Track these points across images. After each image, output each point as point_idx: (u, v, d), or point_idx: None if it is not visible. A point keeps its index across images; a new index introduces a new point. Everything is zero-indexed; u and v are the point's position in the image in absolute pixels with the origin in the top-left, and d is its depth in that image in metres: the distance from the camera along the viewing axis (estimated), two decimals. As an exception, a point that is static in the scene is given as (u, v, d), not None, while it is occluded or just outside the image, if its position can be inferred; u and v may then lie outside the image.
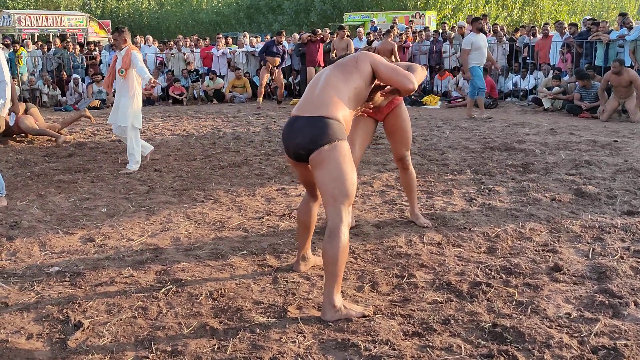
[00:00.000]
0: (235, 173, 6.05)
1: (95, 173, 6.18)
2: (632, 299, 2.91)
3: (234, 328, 2.73)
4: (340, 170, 2.81)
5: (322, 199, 2.89)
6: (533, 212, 4.40)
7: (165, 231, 4.22)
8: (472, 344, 2.54)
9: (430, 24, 20.62)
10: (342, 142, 2.86)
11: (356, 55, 3.11)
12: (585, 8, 37.10)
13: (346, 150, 2.87)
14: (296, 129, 2.90)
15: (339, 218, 2.79)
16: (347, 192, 2.83)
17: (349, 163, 2.86)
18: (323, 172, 2.83)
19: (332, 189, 2.80)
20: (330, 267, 2.77)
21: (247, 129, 9.30)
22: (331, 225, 2.79)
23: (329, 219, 2.82)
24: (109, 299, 3.08)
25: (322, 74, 3.08)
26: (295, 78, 14.36)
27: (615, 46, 11.19)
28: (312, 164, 2.86)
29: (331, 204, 2.81)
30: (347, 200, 2.83)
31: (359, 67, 3.02)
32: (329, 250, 2.76)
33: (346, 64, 3.06)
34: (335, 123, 2.85)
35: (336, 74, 3.01)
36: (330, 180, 2.81)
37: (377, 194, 5.08)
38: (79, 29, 21.91)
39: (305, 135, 2.85)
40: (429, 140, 7.72)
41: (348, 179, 2.83)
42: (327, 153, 2.81)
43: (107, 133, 9.08)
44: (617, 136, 7.65)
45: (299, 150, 2.90)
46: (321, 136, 2.81)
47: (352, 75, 2.99)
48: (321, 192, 2.87)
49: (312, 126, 2.84)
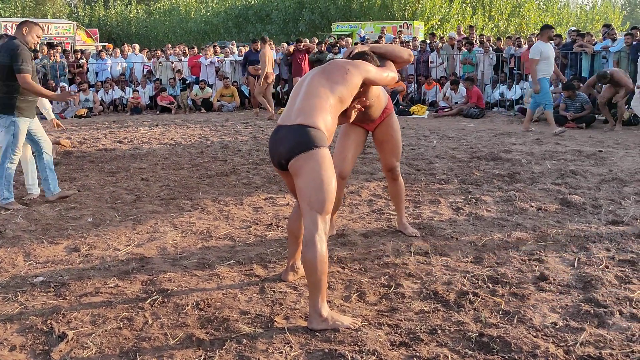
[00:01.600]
0: (222, 182, 6.04)
1: (81, 182, 6.14)
2: (617, 308, 2.93)
3: (221, 339, 2.71)
4: (317, 178, 2.78)
5: (300, 206, 2.87)
6: (519, 222, 4.43)
7: (151, 241, 4.19)
8: (459, 354, 2.54)
9: (418, 34, 20.76)
10: (321, 149, 2.81)
11: (347, 67, 3.04)
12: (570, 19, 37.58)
13: (325, 157, 2.82)
14: (279, 139, 2.90)
15: (314, 226, 2.76)
16: (324, 201, 2.78)
17: (328, 170, 2.81)
18: (300, 179, 2.82)
19: (309, 197, 2.78)
20: (311, 277, 2.76)
21: (235, 138, 9.29)
22: (307, 234, 2.77)
23: (304, 227, 2.80)
24: (93, 309, 3.05)
25: (304, 80, 3.05)
26: (283, 87, 14.39)
27: (599, 57, 11.33)
28: (292, 171, 2.85)
29: (307, 211, 2.79)
30: (323, 208, 2.78)
31: (347, 79, 2.99)
32: (307, 260, 2.74)
33: (333, 72, 3.01)
34: (314, 131, 2.83)
35: (321, 81, 2.97)
36: (306, 188, 2.79)
37: (364, 203, 5.08)
38: (66, 37, 21.82)
39: (285, 145, 2.85)
40: (417, 149, 7.75)
41: (324, 187, 2.78)
42: (304, 161, 2.79)
43: (93, 142, 9.03)
44: (601, 146, 7.73)
45: (281, 160, 2.90)
46: (299, 144, 2.79)
47: (337, 84, 2.96)
48: (299, 199, 2.86)
49: (292, 135, 2.83)
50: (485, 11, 31.72)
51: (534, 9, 34.14)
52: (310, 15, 31.24)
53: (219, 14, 36.62)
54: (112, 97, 14.32)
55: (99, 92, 14.15)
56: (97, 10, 39.68)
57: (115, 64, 14.85)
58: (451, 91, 12.61)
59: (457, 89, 12.42)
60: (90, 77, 14.69)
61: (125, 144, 8.85)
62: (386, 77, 3.25)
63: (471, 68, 13.07)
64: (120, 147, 8.55)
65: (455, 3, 29.73)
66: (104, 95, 14.26)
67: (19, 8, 35.02)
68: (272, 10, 33.16)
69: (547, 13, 35.28)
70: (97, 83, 14.36)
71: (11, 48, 4.98)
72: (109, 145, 8.72)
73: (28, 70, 5.02)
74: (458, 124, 10.63)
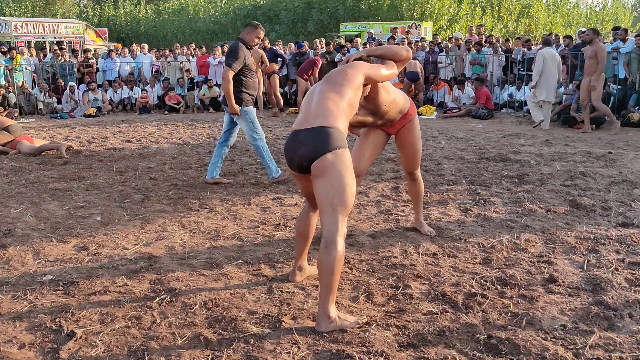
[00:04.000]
0: (230, 182, 6.04)
1: (90, 181, 6.16)
2: (626, 311, 2.91)
3: (228, 338, 2.72)
4: (342, 179, 2.82)
5: (319, 207, 2.88)
6: (528, 223, 4.41)
7: (159, 240, 4.20)
8: (467, 356, 2.53)
9: (427, 35, 20.71)
10: (344, 150, 2.87)
11: (345, 69, 3.15)
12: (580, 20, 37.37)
13: (348, 159, 2.88)
14: (298, 141, 2.92)
15: (335, 227, 2.78)
16: (346, 202, 2.83)
17: (350, 172, 2.87)
18: (324, 180, 2.83)
19: (332, 197, 2.80)
20: (325, 278, 2.76)
21: (242, 137, 9.30)
22: (327, 234, 2.79)
23: (324, 228, 2.81)
24: (102, 308, 3.06)
25: (315, 89, 3.11)
26: (291, 87, 14.40)
27: (610, 58, 11.25)
28: (314, 172, 2.86)
29: (329, 212, 2.80)
30: (345, 209, 2.83)
31: (350, 80, 3.08)
32: (325, 260, 2.75)
33: (335, 78, 3.10)
34: (336, 131, 2.87)
35: (328, 88, 3.04)
36: (330, 188, 2.81)
37: (372, 204, 5.07)
38: (75, 36, 21.90)
39: (307, 146, 2.86)
40: (425, 150, 7.73)
41: (348, 189, 2.83)
42: (329, 161, 2.81)
43: (102, 141, 9.07)
44: (611, 148, 7.68)
45: (302, 162, 2.91)
46: (323, 145, 2.82)
47: (344, 87, 3.04)
48: (319, 199, 2.86)
49: (314, 137, 2.85)
50: (494, 12, 31.60)
51: (543, 9, 33.97)
52: (319, 16, 31.23)
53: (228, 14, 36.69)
54: (120, 96, 14.38)
55: (108, 92, 14.22)
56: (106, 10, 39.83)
57: (124, 63, 14.91)
58: (459, 91, 12.58)
59: (463, 88, 12.39)
60: (100, 77, 14.75)
61: (134, 143, 8.89)
62: (385, 73, 3.30)
63: (480, 69, 13.02)
64: (128, 146, 8.59)
65: (465, 3, 29.64)
66: (113, 94, 14.33)
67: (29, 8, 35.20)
68: (281, 10, 33.18)
69: (557, 14, 35.11)
70: (104, 82, 14.43)
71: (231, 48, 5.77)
72: (118, 144, 8.76)
73: (232, 66, 5.65)
74: (467, 124, 10.60)
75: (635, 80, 10.64)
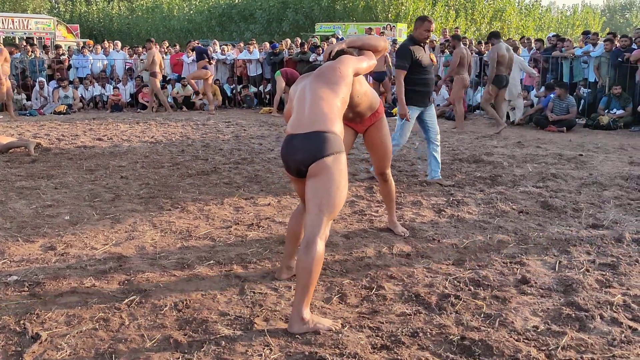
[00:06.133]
0: (203, 181, 5.97)
1: (59, 180, 6.02)
2: (597, 312, 2.93)
3: (199, 340, 2.66)
4: (334, 183, 2.80)
5: (307, 206, 2.85)
6: (501, 224, 4.43)
7: (130, 240, 4.12)
8: (440, 357, 2.52)
9: (401, 36, 20.82)
10: (342, 155, 2.86)
11: (336, 66, 3.11)
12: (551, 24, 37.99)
13: (344, 163, 2.88)
14: (294, 147, 2.89)
15: (318, 228, 2.75)
16: (334, 205, 2.80)
17: (344, 178, 2.86)
18: (316, 180, 2.81)
19: (320, 198, 2.78)
20: (302, 279, 2.72)
21: (216, 136, 9.21)
22: (308, 234, 2.75)
23: (307, 227, 2.78)
24: (69, 309, 2.98)
25: (305, 88, 3.05)
26: (265, 87, 14.32)
27: (579, 62, 11.45)
28: (310, 173, 2.84)
29: (315, 212, 2.78)
30: (331, 213, 2.81)
31: (344, 77, 3.08)
32: (303, 260, 2.71)
33: (329, 75, 3.07)
34: (333, 136, 2.85)
35: (321, 86, 3.01)
36: (321, 190, 2.79)
37: (346, 204, 5.05)
38: (46, 32, 21.51)
39: (304, 152, 2.83)
40: (399, 151, 7.73)
41: (339, 193, 2.82)
42: (327, 164, 2.80)
43: (72, 139, 8.89)
44: (582, 150, 7.79)
45: (300, 167, 2.88)
46: (321, 150, 2.80)
47: (338, 85, 3.03)
48: (308, 199, 2.83)
49: (311, 142, 2.83)
50: (467, 14, 31.95)
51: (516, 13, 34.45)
52: (294, 16, 31.19)
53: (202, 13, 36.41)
54: (92, 94, 14.13)
55: (79, 89, 13.96)
56: (78, 7, 39.19)
57: (96, 60, 14.66)
58: (433, 93, 12.64)
59: (438, 90, 12.47)
60: (72, 74, 14.48)
61: (105, 141, 8.73)
62: (366, 65, 3.31)
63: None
64: (99, 144, 8.43)
65: (439, 6, 29.90)
66: (84, 92, 14.07)
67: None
68: (256, 9, 33.05)
69: (529, 18, 35.64)
70: (75, 79, 14.16)
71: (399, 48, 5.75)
72: (88, 142, 8.59)
73: (402, 66, 5.62)
74: (440, 126, 10.58)
75: (605, 84, 10.83)
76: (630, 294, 3.17)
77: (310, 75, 3.14)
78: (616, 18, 60.20)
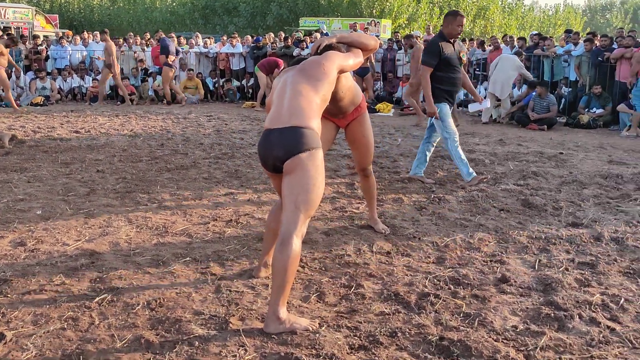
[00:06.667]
0: (182, 176, 5.87)
1: (32, 173, 5.88)
2: (576, 312, 2.91)
3: (171, 341, 2.58)
4: (310, 179, 2.73)
5: (283, 203, 2.78)
6: (482, 222, 4.40)
7: (104, 236, 4.01)
8: (418, 358, 2.47)
9: (385, 32, 20.79)
10: (318, 151, 2.79)
11: (321, 62, 3.03)
12: (534, 23, 38.25)
13: (320, 160, 2.80)
14: (271, 142, 2.81)
15: (294, 226, 2.68)
16: (311, 202, 2.73)
17: (321, 174, 2.79)
18: (292, 177, 2.74)
19: (297, 195, 2.71)
20: (278, 278, 2.66)
21: (197, 130, 9.09)
22: (284, 232, 2.68)
23: (283, 225, 2.71)
24: (36, 308, 2.88)
25: (287, 81, 2.98)
26: (249, 81, 14.20)
27: (560, 61, 11.50)
28: (286, 169, 2.77)
29: (291, 210, 2.71)
30: (308, 210, 2.74)
31: (327, 74, 2.99)
32: (279, 259, 2.64)
33: (312, 70, 2.99)
34: (309, 131, 2.78)
35: (303, 81, 2.93)
36: (297, 186, 2.72)
37: (327, 201, 4.99)
38: (24, 22, 21.11)
39: (280, 148, 2.76)
40: (381, 147, 7.70)
41: (315, 190, 2.74)
42: (302, 160, 2.72)
43: (48, 131, 8.71)
44: (562, 148, 7.81)
45: (276, 163, 2.81)
46: (296, 145, 2.73)
47: (320, 82, 2.95)
48: (284, 196, 2.77)
49: (287, 137, 2.75)
50: (451, 12, 32.00)
51: (499, 11, 34.63)
52: (278, 10, 31.02)
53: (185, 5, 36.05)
54: (70, 85, 13.90)
55: (57, 80, 13.71)
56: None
57: (75, 51, 14.41)
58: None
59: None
60: (50, 65, 14.22)
61: (82, 134, 8.56)
62: (353, 62, 3.24)
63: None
64: (76, 137, 8.27)
65: (423, 3, 29.93)
66: (62, 83, 13.83)
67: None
68: (240, 3, 32.81)
69: (512, 16, 35.85)
70: (54, 70, 13.91)
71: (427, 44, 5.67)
72: (65, 135, 8.42)
73: (428, 63, 5.50)
74: (423, 122, 10.63)
75: (586, 83, 10.89)
76: (609, 293, 3.15)
77: (294, 69, 3.07)
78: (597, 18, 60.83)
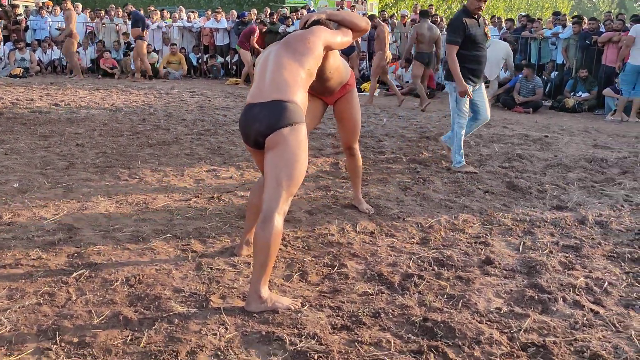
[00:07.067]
0: (164, 152, 5.76)
1: (10, 145, 5.73)
2: (560, 295, 2.90)
3: (150, 318, 2.53)
4: (293, 155, 2.65)
5: (265, 180, 2.71)
6: (466, 204, 4.38)
7: (82, 210, 3.92)
8: (401, 339, 2.44)
9: (372, 11, 20.58)
10: (301, 125, 2.70)
11: (306, 36, 2.93)
12: (521, 6, 38.17)
13: (303, 135, 2.72)
14: (253, 116, 2.73)
15: (275, 203, 2.62)
16: (293, 178, 2.66)
17: (304, 150, 2.71)
18: (274, 153, 2.66)
19: (279, 171, 2.64)
20: (260, 255, 2.60)
21: (180, 106, 8.95)
22: (266, 209, 2.62)
23: (265, 202, 2.64)
24: (12, 283, 2.80)
25: (269, 55, 2.88)
26: (233, 57, 14.00)
27: (548, 43, 11.48)
28: (268, 145, 2.68)
29: (273, 186, 2.64)
30: (290, 186, 2.66)
31: (311, 49, 2.89)
32: (260, 236, 2.59)
33: (296, 45, 2.88)
34: (293, 105, 2.69)
35: (287, 55, 2.83)
36: (279, 162, 2.64)
37: (311, 180, 4.93)
38: (3, -9, 20.51)
39: (262, 122, 2.68)
40: (366, 127, 7.64)
41: (298, 166, 2.67)
42: (284, 136, 2.64)
43: (27, 103, 8.51)
44: (547, 131, 7.82)
45: (257, 138, 2.73)
46: (279, 120, 2.65)
47: (305, 56, 2.85)
48: (266, 172, 2.69)
49: (269, 111, 2.67)
50: (439, -8, 31.77)
51: (487, -7, 34.42)
52: (264, -15, 30.52)
53: (170, -22, 35.35)
54: (50, 57, 13.60)
55: (37, 52, 13.40)
56: (39, -34, 37.63)
57: (55, 22, 14.07)
58: (402, 69, 12.55)
59: (408, 67, 12.37)
60: (29, 36, 13.88)
61: (62, 107, 8.38)
62: (341, 41, 3.13)
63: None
64: (56, 110, 8.09)
65: (411, -18, 29.65)
66: (42, 55, 13.53)
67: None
68: (225, -23, 32.23)
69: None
70: (33, 42, 13.58)
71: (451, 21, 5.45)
72: (44, 107, 8.24)
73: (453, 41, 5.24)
74: (408, 103, 10.58)
75: (572, 66, 10.89)
76: (593, 276, 3.15)
77: (278, 43, 2.98)
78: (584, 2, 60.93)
